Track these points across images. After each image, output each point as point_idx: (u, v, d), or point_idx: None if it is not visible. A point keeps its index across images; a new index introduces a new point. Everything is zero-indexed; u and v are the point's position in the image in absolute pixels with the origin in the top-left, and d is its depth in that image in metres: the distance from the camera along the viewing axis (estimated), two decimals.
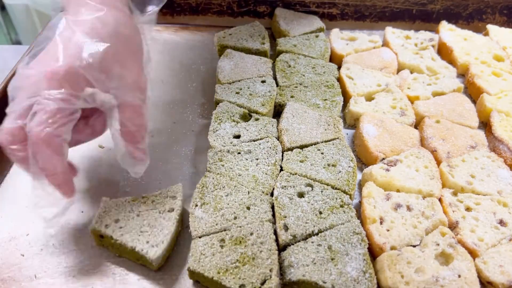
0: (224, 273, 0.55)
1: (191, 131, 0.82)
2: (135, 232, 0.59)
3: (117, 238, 0.58)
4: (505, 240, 0.62)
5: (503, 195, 0.68)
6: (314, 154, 0.71)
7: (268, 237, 0.59)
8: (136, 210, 0.62)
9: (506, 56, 0.96)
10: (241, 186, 0.66)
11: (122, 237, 0.58)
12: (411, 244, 0.61)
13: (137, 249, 0.57)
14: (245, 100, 0.80)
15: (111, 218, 0.61)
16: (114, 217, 0.61)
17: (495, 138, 0.77)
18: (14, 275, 0.58)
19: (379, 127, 0.77)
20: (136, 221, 0.60)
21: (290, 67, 0.90)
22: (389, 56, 0.94)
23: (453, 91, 0.88)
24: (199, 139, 0.80)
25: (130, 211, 0.62)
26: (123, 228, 0.59)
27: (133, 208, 0.62)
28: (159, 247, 0.57)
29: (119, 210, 0.62)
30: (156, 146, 0.78)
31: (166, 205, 0.62)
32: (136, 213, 0.61)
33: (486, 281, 0.59)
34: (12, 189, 0.70)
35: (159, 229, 0.59)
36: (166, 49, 1.03)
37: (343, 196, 0.65)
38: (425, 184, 0.68)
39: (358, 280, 0.55)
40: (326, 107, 0.81)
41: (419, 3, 1.09)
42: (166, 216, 0.61)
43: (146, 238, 0.58)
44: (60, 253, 0.61)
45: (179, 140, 0.80)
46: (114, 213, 0.61)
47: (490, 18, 1.12)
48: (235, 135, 0.75)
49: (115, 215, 0.61)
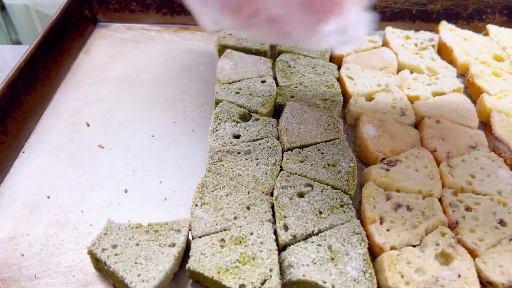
0: (224, 273, 0.55)
1: (191, 131, 0.82)
2: (129, 262, 0.56)
3: (110, 265, 0.56)
4: (505, 240, 0.62)
5: (503, 195, 0.68)
6: (314, 154, 0.71)
7: (268, 237, 0.59)
8: (136, 239, 0.59)
9: (506, 56, 0.96)
10: (241, 186, 0.66)
11: (115, 265, 0.56)
12: (411, 244, 0.61)
13: (126, 281, 0.54)
14: (245, 100, 0.80)
15: (109, 242, 0.58)
16: (113, 242, 0.58)
17: (495, 138, 0.77)
18: (14, 275, 0.58)
19: (379, 127, 0.77)
20: (134, 251, 0.57)
21: (290, 67, 0.90)
22: (389, 56, 0.94)
23: (453, 91, 0.88)
24: (199, 139, 0.80)
25: (130, 238, 0.59)
26: (118, 256, 0.57)
27: (134, 236, 0.59)
28: (149, 283, 0.54)
29: (119, 235, 0.59)
30: (156, 146, 0.78)
31: (168, 239, 0.59)
32: (135, 242, 0.58)
33: (486, 281, 0.59)
34: (12, 189, 0.70)
35: (155, 263, 0.56)
36: (166, 49, 1.03)
37: (343, 196, 0.65)
38: (425, 184, 0.68)
39: (358, 280, 0.55)
40: (326, 107, 0.81)
41: (419, 3, 1.09)
42: (165, 250, 0.58)
43: (138, 271, 0.55)
44: (60, 253, 0.61)
45: (179, 140, 0.80)
46: (114, 237, 0.59)
47: (490, 18, 1.12)
48: (235, 135, 0.75)
49: (114, 240, 0.58)
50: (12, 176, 0.72)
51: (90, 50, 1.02)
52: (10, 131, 0.75)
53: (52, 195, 0.69)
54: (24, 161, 0.75)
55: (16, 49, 1.20)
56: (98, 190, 0.70)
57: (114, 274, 0.55)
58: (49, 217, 0.66)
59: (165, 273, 0.55)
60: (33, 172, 0.73)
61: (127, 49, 1.02)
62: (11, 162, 0.74)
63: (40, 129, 0.81)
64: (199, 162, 0.75)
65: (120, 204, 0.68)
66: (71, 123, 0.82)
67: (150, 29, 1.09)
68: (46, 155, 0.76)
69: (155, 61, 0.99)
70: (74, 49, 1.00)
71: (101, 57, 0.99)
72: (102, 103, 0.87)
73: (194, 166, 0.75)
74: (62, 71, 0.93)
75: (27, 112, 0.80)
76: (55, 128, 0.81)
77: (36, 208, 0.67)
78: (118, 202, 0.69)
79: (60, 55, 0.93)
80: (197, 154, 0.77)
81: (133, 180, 0.72)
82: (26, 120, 0.80)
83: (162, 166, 0.75)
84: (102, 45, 1.04)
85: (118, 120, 0.83)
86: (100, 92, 0.90)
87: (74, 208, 0.67)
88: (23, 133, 0.78)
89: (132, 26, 1.10)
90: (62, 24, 0.95)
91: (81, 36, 1.04)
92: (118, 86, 0.91)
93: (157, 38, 1.06)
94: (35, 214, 0.66)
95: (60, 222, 0.65)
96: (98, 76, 0.94)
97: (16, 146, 0.76)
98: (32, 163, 0.74)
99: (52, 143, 0.78)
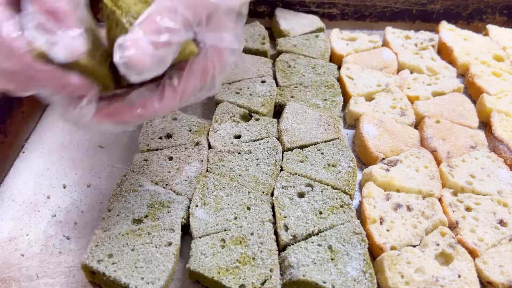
0: (224, 273, 0.55)
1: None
2: (129, 268, 0.55)
3: (109, 275, 0.54)
4: (505, 240, 0.62)
5: (503, 195, 0.68)
6: (314, 154, 0.71)
7: (268, 237, 0.59)
8: (131, 244, 0.57)
9: (506, 56, 0.96)
10: (242, 186, 0.66)
11: (115, 273, 0.54)
12: (411, 244, 0.61)
13: (131, 286, 0.53)
14: (245, 100, 0.81)
15: (103, 252, 0.56)
16: (108, 252, 0.56)
17: (495, 138, 0.77)
18: (14, 275, 0.58)
19: (379, 127, 0.77)
20: (131, 256, 0.56)
21: (290, 67, 0.90)
22: (389, 56, 0.94)
23: (453, 91, 0.88)
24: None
25: (124, 245, 0.57)
26: (116, 264, 0.55)
27: (128, 242, 0.58)
28: (155, 284, 0.53)
29: (112, 244, 0.57)
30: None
31: (163, 239, 0.58)
32: (131, 247, 0.57)
33: (486, 281, 0.59)
34: (12, 189, 0.70)
35: (155, 264, 0.55)
36: None
37: (343, 196, 0.65)
38: (425, 184, 0.68)
39: (358, 280, 0.55)
40: (326, 107, 0.81)
41: (419, 3, 1.09)
42: (163, 251, 0.57)
43: (141, 275, 0.54)
44: (60, 253, 0.61)
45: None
46: (107, 247, 0.57)
47: (490, 18, 1.12)
48: (236, 135, 0.75)
49: (108, 250, 0.57)
50: (12, 176, 0.72)
51: None
52: (10, 131, 0.75)
53: (52, 195, 0.69)
54: (24, 161, 0.75)
55: None
56: (98, 190, 0.70)
57: (115, 283, 0.54)
58: (49, 217, 0.66)
59: (168, 273, 0.55)
60: (33, 172, 0.73)
61: None
62: (11, 162, 0.74)
63: (40, 129, 0.81)
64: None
65: None
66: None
67: None
68: (46, 155, 0.76)
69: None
70: None
71: None
72: None
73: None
74: None
75: (27, 112, 0.80)
76: (55, 128, 0.81)
77: (36, 208, 0.67)
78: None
79: None
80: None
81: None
82: (26, 120, 0.80)
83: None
84: None
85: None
86: None
87: (74, 208, 0.67)
88: (23, 133, 0.78)
89: None
90: None
91: None
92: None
93: None
94: (35, 214, 0.66)
95: (60, 222, 0.65)
96: None
97: (16, 146, 0.76)
98: (32, 163, 0.74)
99: (52, 143, 0.78)
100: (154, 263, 0.56)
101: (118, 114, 0.47)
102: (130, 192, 0.64)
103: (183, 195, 0.65)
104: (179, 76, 0.47)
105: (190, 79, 0.48)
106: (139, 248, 0.57)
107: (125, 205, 0.63)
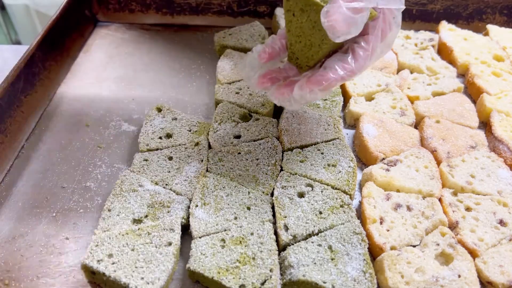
0: (224, 273, 0.55)
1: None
2: (129, 268, 0.55)
3: (109, 274, 0.54)
4: (505, 240, 0.62)
5: (503, 195, 0.68)
6: (314, 154, 0.71)
7: (268, 237, 0.59)
8: (130, 244, 0.57)
9: (506, 56, 0.96)
10: (242, 187, 0.66)
11: (115, 273, 0.54)
12: (411, 244, 0.61)
13: (131, 286, 0.53)
14: (245, 100, 0.80)
15: (103, 252, 0.56)
16: (107, 252, 0.57)
17: (495, 138, 0.77)
18: (14, 275, 0.58)
19: (379, 127, 0.77)
20: (131, 256, 0.56)
21: None
22: (389, 56, 0.94)
23: (453, 91, 0.88)
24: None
25: (124, 245, 0.57)
26: (116, 264, 0.55)
27: (128, 242, 0.58)
28: (155, 284, 0.53)
29: (112, 244, 0.57)
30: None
31: (163, 239, 0.58)
32: (131, 247, 0.57)
33: (486, 281, 0.59)
34: (12, 189, 0.70)
35: (155, 264, 0.55)
36: (166, 49, 1.03)
37: (343, 196, 0.65)
38: (425, 184, 0.68)
39: (358, 280, 0.55)
40: (326, 107, 0.81)
41: (419, 3, 1.09)
42: (163, 250, 0.57)
43: (141, 275, 0.54)
44: (60, 253, 0.61)
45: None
46: (107, 247, 0.57)
47: (490, 18, 1.12)
48: (236, 135, 0.75)
49: (108, 250, 0.57)
50: (12, 176, 0.72)
51: (90, 50, 1.02)
52: (10, 131, 0.75)
53: (52, 195, 0.69)
54: (24, 161, 0.75)
55: (16, 49, 1.20)
56: (98, 190, 0.70)
57: (115, 283, 0.54)
58: (49, 217, 0.66)
59: (168, 272, 0.55)
60: (33, 172, 0.73)
61: (127, 49, 1.02)
62: (11, 162, 0.74)
63: (40, 129, 0.81)
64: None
65: None
66: (71, 123, 0.82)
67: (150, 29, 1.09)
68: (46, 155, 0.76)
69: (155, 61, 0.99)
70: (74, 49, 1.00)
71: (101, 57, 0.99)
72: (102, 103, 0.87)
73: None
74: (62, 71, 0.93)
75: (27, 112, 0.80)
76: (55, 128, 0.81)
77: (36, 208, 0.67)
78: None
79: (60, 55, 0.93)
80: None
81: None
82: (26, 120, 0.80)
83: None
84: (102, 45, 1.04)
85: (118, 120, 0.83)
86: (100, 92, 0.90)
87: (74, 208, 0.67)
88: (23, 133, 0.78)
89: (132, 26, 1.10)
90: (62, 24, 0.95)
91: (81, 36, 1.04)
92: (118, 86, 0.91)
93: (157, 38, 1.06)
94: (35, 214, 0.66)
95: (60, 222, 0.65)
96: (98, 76, 0.94)
97: (16, 146, 0.76)
98: (32, 163, 0.74)
99: (52, 143, 0.78)
100: (154, 263, 0.56)
101: (325, 78, 0.56)
102: (130, 192, 0.64)
103: (183, 195, 0.65)
104: (363, 39, 0.57)
105: (375, 38, 0.57)
106: (139, 248, 0.57)
107: (125, 205, 0.63)
